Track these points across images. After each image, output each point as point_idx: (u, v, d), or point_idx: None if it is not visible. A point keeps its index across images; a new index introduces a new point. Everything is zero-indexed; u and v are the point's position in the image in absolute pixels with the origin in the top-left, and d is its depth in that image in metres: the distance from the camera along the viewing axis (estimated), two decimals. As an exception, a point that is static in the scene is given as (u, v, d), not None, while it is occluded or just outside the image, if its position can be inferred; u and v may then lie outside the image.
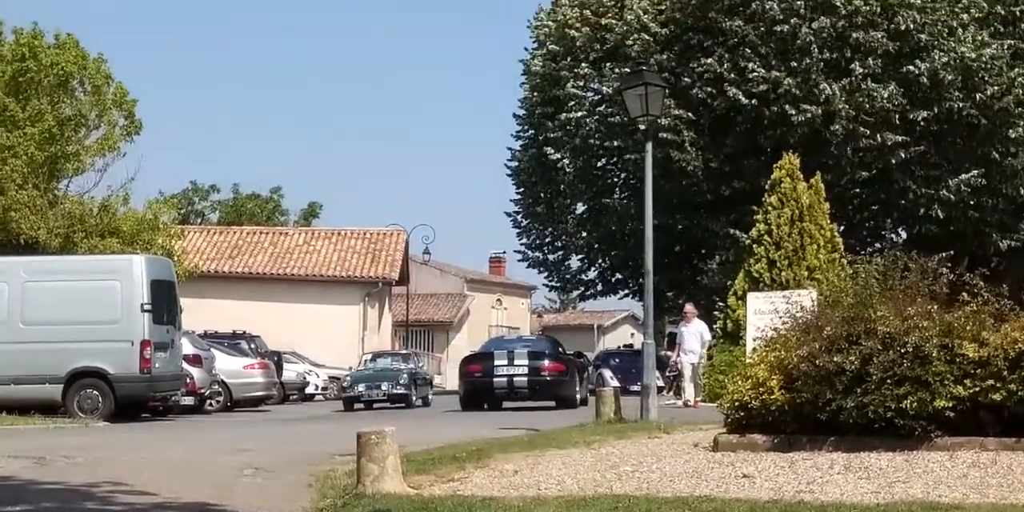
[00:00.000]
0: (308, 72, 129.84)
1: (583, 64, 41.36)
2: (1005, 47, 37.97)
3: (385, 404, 30.88)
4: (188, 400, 26.58)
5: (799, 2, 37.39)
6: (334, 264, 48.20)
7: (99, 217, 31.51)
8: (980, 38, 37.58)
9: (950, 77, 37.22)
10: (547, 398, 26.78)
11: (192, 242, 45.44)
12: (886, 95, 37.02)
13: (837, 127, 37.16)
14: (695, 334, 25.97)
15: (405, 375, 31.80)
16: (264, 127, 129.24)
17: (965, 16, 37.79)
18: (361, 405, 30.87)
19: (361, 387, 31.00)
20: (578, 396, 27.26)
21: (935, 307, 11.44)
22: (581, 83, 41.64)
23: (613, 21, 40.41)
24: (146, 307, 22.77)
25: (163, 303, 23.53)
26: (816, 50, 37.25)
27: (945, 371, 10.82)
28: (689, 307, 27.48)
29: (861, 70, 37.40)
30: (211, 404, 28.65)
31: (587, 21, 41.20)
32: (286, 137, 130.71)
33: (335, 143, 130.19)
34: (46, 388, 22.67)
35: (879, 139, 37.48)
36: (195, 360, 26.83)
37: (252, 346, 32.91)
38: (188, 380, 25.91)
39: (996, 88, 37.45)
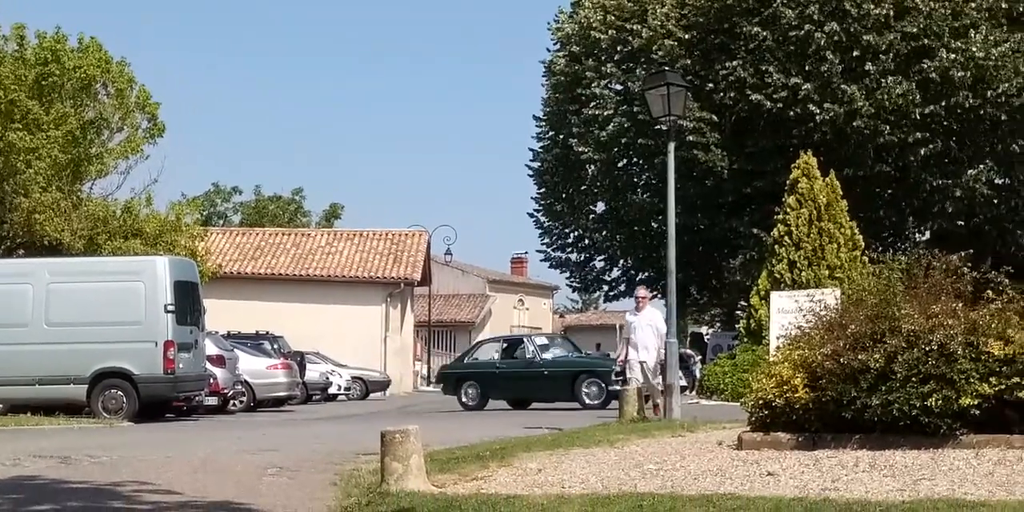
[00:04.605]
0: (330, 74, 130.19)
1: (608, 64, 41.42)
2: (1017, 45, 37.79)
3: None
4: (211, 400, 26.68)
5: (812, 7, 37.37)
6: (356, 265, 48.28)
7: (122, 219, 31.62)
8: (992, 37, 37.44)
9: (960, 74, 37.11)
10: None
11: (215, 243, 45.59)
12: (900, 92, 37.00)
13: (859, 123, 37.16)
14: (648, 325, 20.16)
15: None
16: (285, 129, 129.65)
17: (975, 14, 37.66)
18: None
19: None
20: None
21: (960, 305, 11.39)
22: (605, 81, 41.69)
23: (637, 26, 40.46)
24: (169, 308, 22.85)
25: (186, 304, 23.61)
26: (830, 54, 37.22)
27: (970, 369, 10.77)
28: (642, 291, 21.93)
29: (875, 68, 37.40)
30: (234, 404, 28.74)
31: (611, 25, 41.25)
32: (307, 139, 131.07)
33: (356, 144, 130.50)
34: (70, 388, 22.80)
35: (899, 137, 37.49)
36: (218, 360, 26.92)
37: (275, 347, 33.01)
38: (211, 380, 26.01)
39: (1007, 85, 37.28)
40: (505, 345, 30.71)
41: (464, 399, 28.92)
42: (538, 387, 27.84)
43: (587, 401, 26.91)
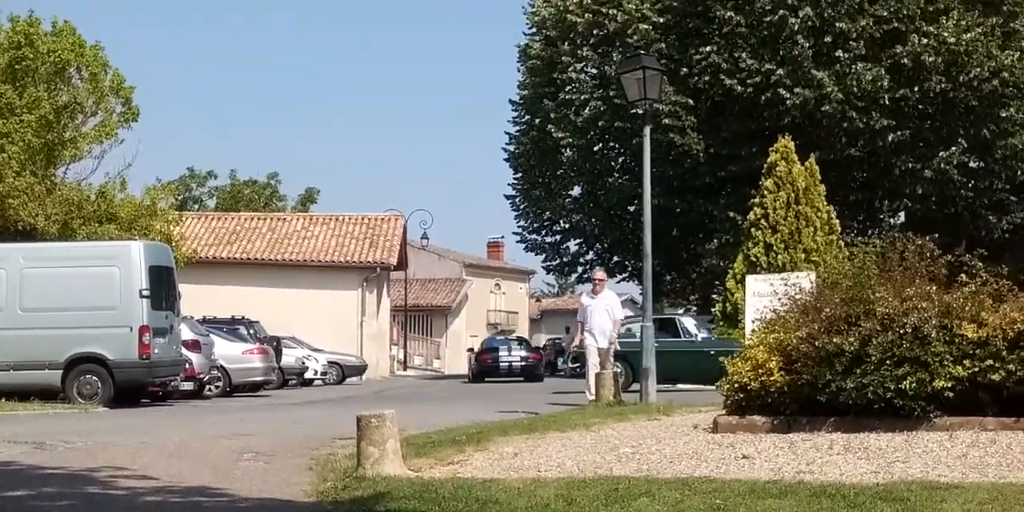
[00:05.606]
0: (305, 58, 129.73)
1: (584, 48, 41.44)
2: (991, 29, 37.94)
3: None
4: (187, 385, 26.58)
5: None
6: (332, 249, 48.21)
7: (97, 203, 31.47)
8: (964, 22, 37.59)
9: (931, 59, 37.26)
10: (527, 376, 40.26)
11: (190, 228, 45.46)
12: (870, 77, 37.13)
13: (828, 108, 37.30)
14: (604, 310, 19.68)
15: None
16: (261, 113, 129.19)
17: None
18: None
19: None
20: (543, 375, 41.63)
21: (934, 288, 11.43)
22: (581, 65, 41.70)
23: (612, 10, 40.48)
24: (144, 293, 22.75)
25: (161, 289, 23.51)
26: (802, 39, 37.34)
27: (944, 352, 10.81)
28: (599, 273, 21.69)
29: (845, 55, 37.53)
30: (210, 389, 28.66)
31: (587, 8, 41.25)
32: (283, 123, 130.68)
33: (332, 128, 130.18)
34: (45, 374, 22.68)
35: (867, 122, 37.65)
36: (194, 345, 26.81)
37: (251, 331, 32.91)
38: (187, 365, 25.90)
39: (980, 69, 37.44)
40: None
41: None
42: (698, 367, 25.29)
43: None
